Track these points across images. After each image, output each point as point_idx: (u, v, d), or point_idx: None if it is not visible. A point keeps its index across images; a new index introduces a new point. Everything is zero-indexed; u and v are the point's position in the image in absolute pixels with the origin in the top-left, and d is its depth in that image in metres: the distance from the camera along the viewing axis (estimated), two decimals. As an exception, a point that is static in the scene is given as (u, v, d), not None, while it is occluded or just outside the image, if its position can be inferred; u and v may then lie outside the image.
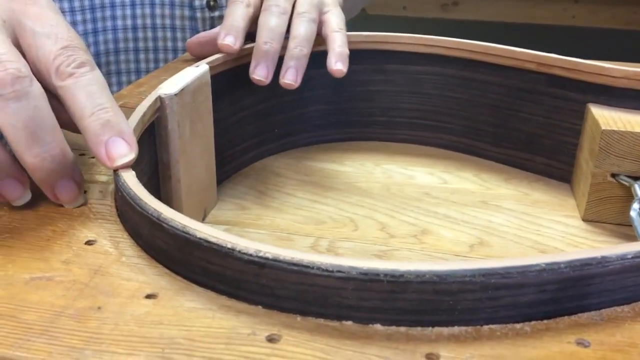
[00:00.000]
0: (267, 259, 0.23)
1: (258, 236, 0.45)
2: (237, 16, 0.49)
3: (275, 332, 0.23)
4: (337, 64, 0.51)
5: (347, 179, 0.54)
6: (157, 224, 0.26)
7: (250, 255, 0.24)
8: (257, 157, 0.57)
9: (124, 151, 0.30)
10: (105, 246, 0.28)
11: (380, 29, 0.62)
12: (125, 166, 0.30)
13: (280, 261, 0.23)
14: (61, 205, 0.32)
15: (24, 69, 0.30)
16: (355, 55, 0.58)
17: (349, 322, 0.23)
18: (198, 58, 0.59)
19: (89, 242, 0.28)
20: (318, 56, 0.51)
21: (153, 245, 0.27)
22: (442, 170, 0.56)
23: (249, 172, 0.56)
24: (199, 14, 0.69)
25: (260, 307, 0.24)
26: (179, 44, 0.71)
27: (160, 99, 0.39)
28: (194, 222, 0.26)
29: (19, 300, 0.24)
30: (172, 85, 0.41)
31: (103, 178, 0.34)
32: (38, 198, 0.32)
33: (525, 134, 0.54)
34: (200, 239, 0.25)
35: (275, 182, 0.53)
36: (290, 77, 0.49)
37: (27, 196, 0.32)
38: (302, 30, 0.50)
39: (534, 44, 0.58)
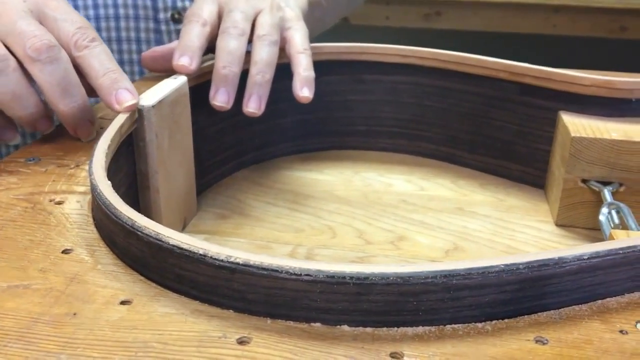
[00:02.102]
0: (237, 264, 0.24)
1: (238, 244, 0.46)
2: (192, 36, 0.48)
3: (245, 334, 0.24)
4: (304, 89, 0.50)
5: (325, 187, 0.55)
6: (131, 232, 0.27)
7: (222, 260, 0.25)
8: (237, 167, 0.58)
9: (128, 98, 0.40)
10: (81, 254, 0.29)
11: (363, 39, 0.63)
12: (130, 109, 0.39)
13: (250, 266, 0.24)
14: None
15: (54, 40, 0.39)
16: (334, 66, 0.59)
17: (317, 324, 0.24)
18: (152, 72, 0.59)
19: (65, 251, 0.29)
20: (295, 66, 0.52)
21: (128, 253, 0.28)
22: (420, 177, 0.57)
23: (229, 182, 0.56)
24: (163, 27, 0.69)
25: (231, 311, 0.25)
26: None
27: (138, 110, 0.40)
28: (166, 229, 0.26)
29: (-5, 308, 0.25)
30: (150, 96, 0.41)
31: (81, 189, 0.35)
32: (17, 209, 0.33)
33: (500, 141, 0.55)
34: (172, 245, 0.25)
35: (255, 192, 0.54)
36: (254, 106, 0.48)
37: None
38: (264, 55, 0.49)
39: (516, 53, 0.59)
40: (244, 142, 0.58)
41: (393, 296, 0.23)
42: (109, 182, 0.31)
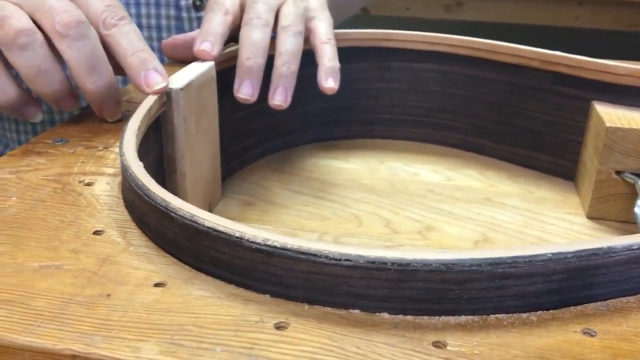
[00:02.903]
0: (275, 247, 0.24)
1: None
2: (214, 23, 0.48)
3: (283, 319, 0.23)
4: (329, 80, 0.49)
5: (351, 176, 0.54)
6: (165, 214, 0.26)
7: (259, 243, 0.24)
8: (262, 154, 0.58)
9: (158, 79, 0.39)
10: (112, 236, 0.28)
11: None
12: (160, 91, 0.37)
13: (288, 250, 0.23)
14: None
15: (83, 16, 0.38)
16: (360, 53, 0.58)
17: (356, 311, 0.24)
18: (172, 60, 0.59)
19: (96, 232, 0.28)
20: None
21: (161, 235, 0.27)
22: (447, 167, 0.56)
23: (253, 169, 0.56)
24: (184, 14, 0.69)
25: (268, 295, 0.25)
26: None
27: (166, 93, 0.39)
28: (202, 211, 0.26)
29: (28, 288, 0.24)
30: (178, 79, 0.41)
31: (110, 171, 0.34)
32: (46, 189, 0.32)
33: (530, 131, 0.54)
34: (208, 228, 0.25)
35: (280, 179, 0.54)
36: (280, 98, 0.47)
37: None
38: (289, 46, 0.48)
39: (537, 45, 0.58)
40: (268, 129, 0.57)
41: (435, 284, 0.23)
42: (141, 163, 0.30)
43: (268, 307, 0.24)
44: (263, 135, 0.57)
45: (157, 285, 0.25)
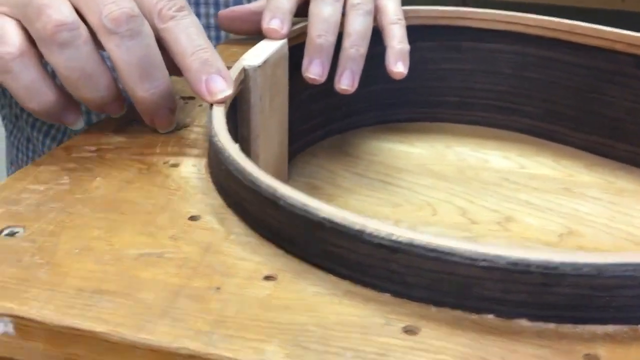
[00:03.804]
0: (400, 243, 0.22)
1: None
2: None
3: (410, 323, 0.21)
4: (398, 64, 0.46)
5: (418, 161, 0.52)
6: (271, 202, 0.24)
7: (382, 238, 0.22)
8: (324, 135, 0.55)
9: (222, 87, 0.32)
10: (210, 222, 0.26)
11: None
12: (222, 101, 0.32)
13: (415, 246, 0.21)
14: (155, 131, 0.34)
15: (136, 9, 0.31)
16: (428, 32, 0.55)
17: (490, 316, 0.22)
18: (227, 32, 0.56)
19: (192, 218, 0.27)
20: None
21: (264, 224, 0.25)
22: (518, 154, 0.53)
23: (316, 150, 0.54)
24: None
25: (388, 294, 0.23)
26: None
27: (244, 70, 0.37)
28: (314, 200, 0.24)
29: (131, 278, 0.23)
30: (254, 56, 0.39)
31: (193, 151, 0.33)
32: (132, 170, 0.30)
33: (609, 118, 0.52)
34: (322, 218, 0.23)
35: (345, 162, 0.52)
36: (347, 82, 0.44)
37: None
38: (358, 26, 0.45)
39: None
40: (331, 109, 0.55)
41: (583, 289, 0.21)
42: (237, 144, 0.28)
43: (391, 307, 0.22)
44: (325, 117, 0.55)
45: (267, 278, 0.23)
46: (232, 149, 0.28)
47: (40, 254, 0.24)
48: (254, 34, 0.52)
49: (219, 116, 0.30)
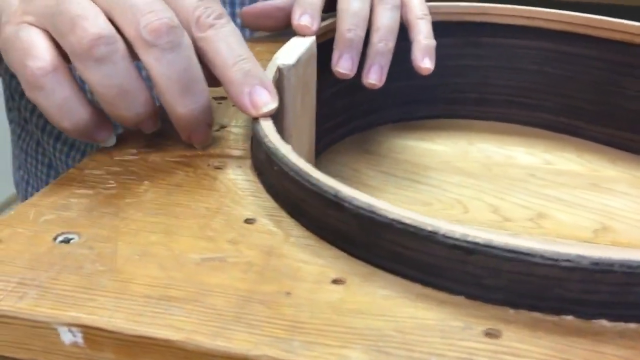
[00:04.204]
0: (477, 244, 0.21)
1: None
2: None
3: (490, 326, 0.21)
4: (425, 60, 0.46)
5: (442, 158, 0.52)
6: (334, 203, 0.24)
7: (457, 239, 0.21)
8: (347, 133, 0.55)
9: (266, 99, 0.30)
10: (267, 225, 0.26)
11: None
12: (267, 114, 0.30)
13: (493, 247, 0.21)
14: (191, 146, 0.32)
15: (175, 19, 0.29)
16: (448, 28, 0.55)
17: (569, 317, 0.21)
18: (251, 29, 0.55)
19: (248, 221, 0.26)
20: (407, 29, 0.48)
21: (325, 226, 0.25)
22: (542, 150, 0.53)
23: (339, 149, 0.53)
24: None
25: (462, 297, 0.22)
26: None
27: (278, 69, 0.36)
28: (379, 201, 0.23)
29: (198, 284, 0.22)
30: (287, 55, 0.38)
31: (235, 152, 0.32)
32: (179, 173, 0.30)
33: (632, 112, 0.51)
34: (392, 220, 0.22)
35: (369, 160, 0.51)
36: (375, 77, 0.44)
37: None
38: (386, 20, 0.45)
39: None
40: (354, 107, 0.54)
41: (667, 288, 0.20)
42: (290, 145, 0.28)
43: (467, 310, 0.21)
44: (346, 115, 0.54)
45: (335, 282, 0.23)
46: (286, 150, 0.27)
47: (100, 260, 0.23)
48: (279, 31, 0.52)
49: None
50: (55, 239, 0.24)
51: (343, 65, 0.44)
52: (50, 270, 0.23)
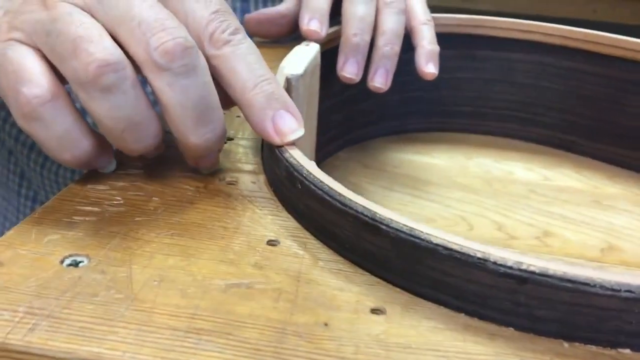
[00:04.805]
0: (532, 272, 0.20)
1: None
2: None
3: (547, 361, 0.19)
4: (429, 65, 0.46)
5: (442, 173, 0.50)
6: (370, 225, 0.22)
7: (509, 267, 0.20)
8: (341, 146, 0.54)
9: (292, 125, 0.27)
10: (291, 247, 0.24)
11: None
12: (293, 143, 0.27)
13: (549, 276, 0.20)
14: (196, 171, 0.29)
15: (190, 37, 0.25)
16: (444, 40, 0.54)
17: (627, 350, 0.20)
18: (255, 36, 0.54)
19: (271, 242, 0.24)
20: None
21: (356, 249, 0.23)
22: (540, 166, 0.52)
23: (335, 162, 0.52)
24: None
25: (511, 329, 0.21)
26: None
27: (286, 79, 0.35)
28: (419, 224, 0.22)
29: (225, 313, 0.20)
30: (295, 64, 0.36)
31: (247, 167, 0.30)
32: (189, 189, 0.28)
33: (629, 129, 0.51)
34: (437, 245, 0.21)
35: (366, 175, 0.50)
36: (381, 80, 0.44)
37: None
38: (392, 24, 0.45)
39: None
40: (349, 119, 0.53)
41: None
42: (313, 161, 0.26)
43: (520, 344, 0.20)
44: (344, 127, 0.53)
45: (374, 311, 0.21)
46: (311, 167, 0.25)
47: (115, 287, 0.21)
48: (281, 37, 0.50)
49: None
50: (62, 261, 0.22)
51: (349, 69, 0.43)
52: (61, 297, 0.20)
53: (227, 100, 0.28)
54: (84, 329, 0.19)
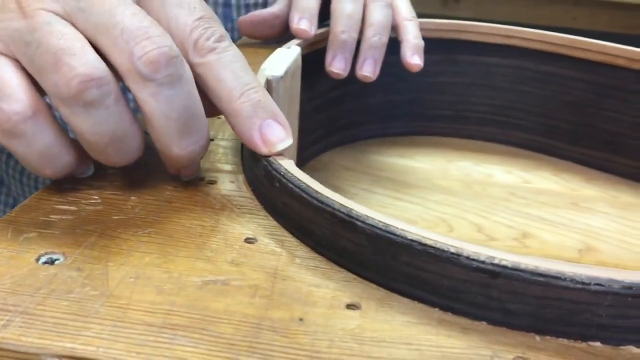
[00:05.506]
0: (504, 267, 0.20)
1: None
2: None
3: (519, 354, 0.20)
4: (414, 57, 0.47)
5: (423, 175, 0.51)
6: (346, 222, 0.22)
7: (482, 262, 0.20)
8: (323, 149, 0.54)
9: (281, 135, 0.26)
10: (269, 245, 0.24)
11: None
12: (281, 153, 0.26)
13: (521, 270, 0.20)
14: (176, 177, 0.29)
15: (174, 46, 0.24)
16: (426, 44, 0.54)
17: (597, 343, 0.20)
18: (249, 37, 0.55)
19: (248, 240, 0.24)
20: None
21: (334, 246, 0.23)
22: (519, 169, 0.53)
23: (317, 165, 0.52)
24: None
25: (484, 323, 0.21)
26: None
27: (267, 81, 0.35)
28: (395, 220, 0.22)
29: (201, 309, 0.20)
30: (275, 66, 0.37)
31: (226, 167, 0.30)
32: (168, 188, 0.28)
33: (609, 133, 0.52)
34: (412, 240, 0.21)
35: (349, 177, 0.50)
36: (369, 69, 0.45)
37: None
38: (380, 16, 0.46)
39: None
40: (332, 121, 0.53)
41: (699, 314, 0.19)
42: (292, 160, 0.26)
43: (492, 337, 0.20)
44: (327, 129, 0.53)
45: (349, 307, 0.21)
46: (290, 166, 0.26)
47: (91, 283, 0.21)
48: (274, 38, 0.51)
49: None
50: (37, 259, 0.22)
51: (337, 65, 0.44)
52: (36, 294, 0.20)
53: (212, 109, 0.27)
54: (57, 325, 0.19)
